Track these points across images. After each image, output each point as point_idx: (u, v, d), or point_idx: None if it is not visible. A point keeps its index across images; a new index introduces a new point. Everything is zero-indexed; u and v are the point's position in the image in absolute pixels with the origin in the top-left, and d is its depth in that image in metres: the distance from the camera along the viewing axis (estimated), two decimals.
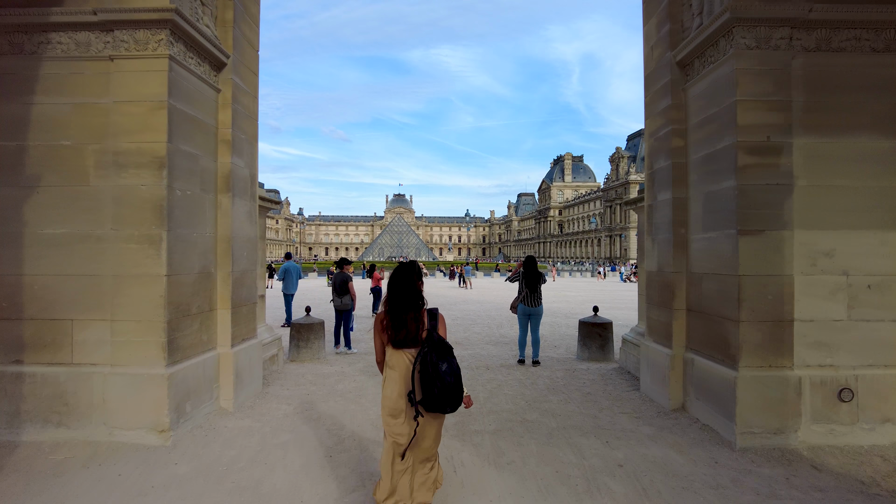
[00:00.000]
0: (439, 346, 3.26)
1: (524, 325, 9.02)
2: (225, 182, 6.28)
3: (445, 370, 3.20)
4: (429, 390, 3.18)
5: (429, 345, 3.26)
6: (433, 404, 3.21)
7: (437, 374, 3.17)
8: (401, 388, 3.32)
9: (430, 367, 3.18)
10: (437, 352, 3.23)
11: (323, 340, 9.55)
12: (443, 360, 3.22)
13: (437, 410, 3.24)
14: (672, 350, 6.21)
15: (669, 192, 6.29)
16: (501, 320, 15.53)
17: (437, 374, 3.17)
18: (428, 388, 3.18)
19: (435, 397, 3.18)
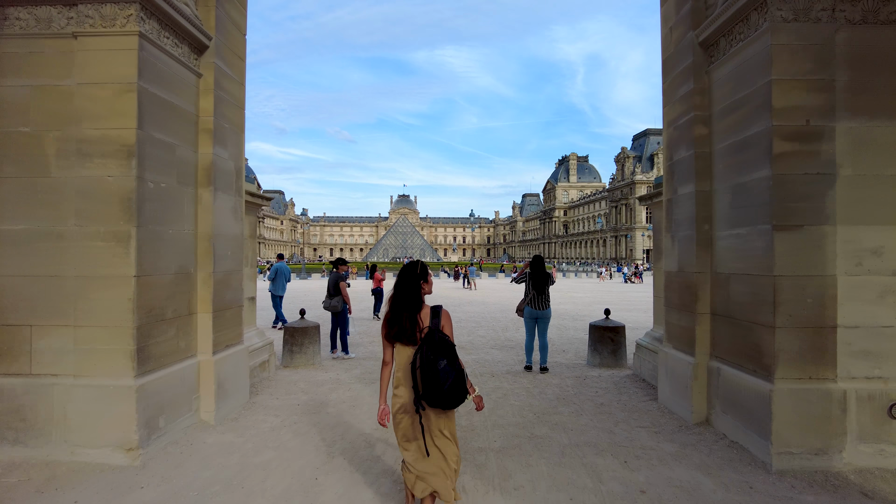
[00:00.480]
0: (439, 343, 3.29)
1: (531, 329, 8.47)
2: (206, 175, 5.77)
3: (444, 367, 3.22)
4: (428, 386, 3.22)
5: (428, 342, 3.30)
6: (433, 398, 3.24)
7: (435, 370, 3.20)
8: (405, 382, 3.41)
9: (428, 364, 3.22)
10: (435, 349, 3.26)
11: (318, 345, 9.04)
12: (441, 357, 3.24)
13: (437, 405, 3.27)
14: (695, 358, 5.66)
15: (692, 184, 5.74)
16: (507, 323, 14.98)
17: (436, 370, 3.20)
18: (427, 384, 3.23)
19: (434, 393, 3.22)
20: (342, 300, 9.82)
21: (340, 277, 10.05)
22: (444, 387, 3.21)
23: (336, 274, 10.04)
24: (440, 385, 3.21)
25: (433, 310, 3.44)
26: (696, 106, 5.71)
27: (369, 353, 10.05)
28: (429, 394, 3.24)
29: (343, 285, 10.03)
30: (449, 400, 3.24)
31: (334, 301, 9.79)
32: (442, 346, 3.29)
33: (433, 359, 3.24)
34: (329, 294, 9.86)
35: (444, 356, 3.26)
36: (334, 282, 9.94)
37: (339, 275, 10.06)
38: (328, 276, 10.06)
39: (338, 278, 9.98)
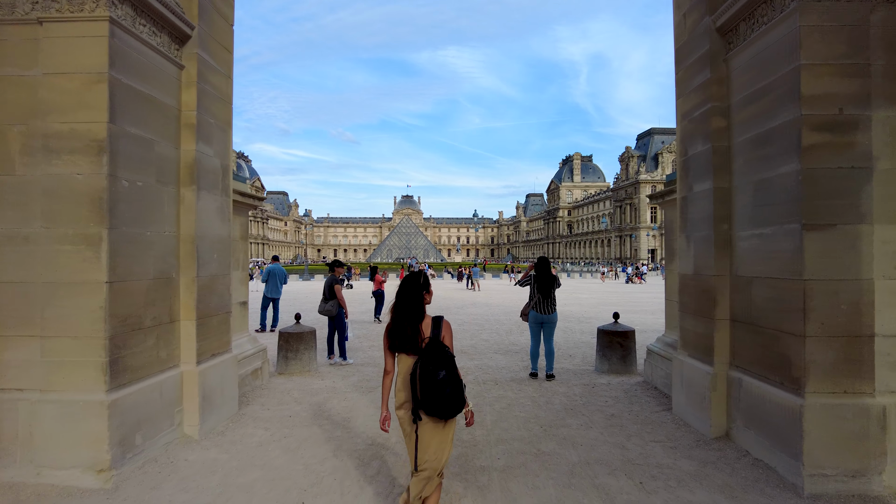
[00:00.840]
0: (439, 353, 3.33)
1: (536, 334, 8.08)
2: (189, 173, 5.40)
3: (443, 377, 3.26)
4: (426, 394, 3.26)
5: (429, 352, 3.33)
6: (431, 408, 3.27)
7: (434, 380, 3.24)
8: (405, 390, 3.44)
9: (428, 374, 3.26)
10: (436, 359, 3.30)
11: (314, 351, 8.67)
12: (441, 368, 3.28)
13: (435, 415, 3.30)
14: (713, 367, 5.26)
15: (709, 181, 5.35)
16: (511, 326, 14.58)
17: (435, 380, 3.24)
18: (426, 393, 3.26)
19: (433, 402, 3.25)
20: (337, 304, 9.45)
21: (336, 281, 9.69)
22: (442, 396, 3.25)
23: (331, 277, 9.68)
24: (438, 395, 3.25)
25: (434, 320, 3.49)
26: (713, 96, 5.31)
27: (368, 359, 9.67)
28: (427, 403, 3.27)
29: (338, 288, 9.67)
30: (447, 409, 3.28)
31: (329, 305, 9.41)
32: (442, 356, 3.32)
33: (433, 369, 3.27)
34: (324, 298, 9.49)
35: (443, 367, 3.29)
36: (329, 285, 9.58)
37: (333, 278, 9.70)
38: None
39: (332, 281, 9.62)
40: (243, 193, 7.38)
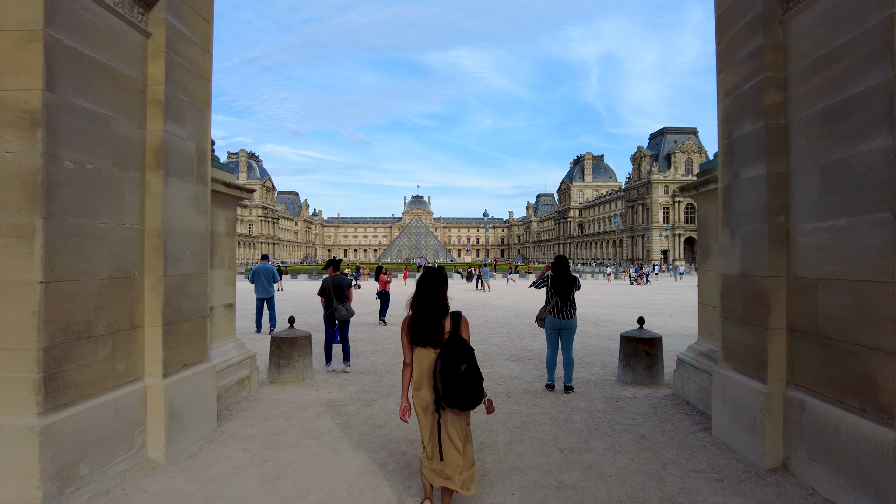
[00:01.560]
0: (460, 347, 3.43)
1: (553, 341, 7.29)
2: (156, 156, 4.68)
3: (465, 370, 3.36)
4: (448, 387, 3.34)
5: (451, 346, 3.42)
6: (453, 400, 3.36)
7: (456, 372, 3.34)
8: (425, 383, 3.51)
9: (450, 366, 3.35)
10: (457, 352, 3.39)
11: (309, 358, 7.93)
12: (463, 362, 3.37)
13: (456, 406, 3.38)
14: (766, 385, 4.44)
15: (761, 165, 4.54)
16: (523, 329, 13.77)
17: (457, 373, 3.34)
18: (448, 385, 3.34)
19: (454, 394, 3.34)
20: (350, 308, 8.86)
21: (348, 282, 9.01)
22: (464, 389, 3.35)
23: (342, 277, 8.94)
24: (461, 387, 3.34)
25: (453, 315, 3.56)
26: (766, 66, 4.50)
27: (369, 366, 8.92)
28: (449, 395, 3.36)
29: (351, 291, 8.93)
30: (468, 401, 3.37)
31: (344, 309, 8.75)
32: (463, 350, 3.42)
33: (455, 363, 3.36)
34: (339, 300, 8.73)
35: (464, 360, 3.39)
36: (342, 286, 8.85)
37: (345, 278, 8.97)
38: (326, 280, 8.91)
39: (346, 283, 8.95)
40: (229, 184, 6.66)
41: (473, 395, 3.37)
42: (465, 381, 3.35)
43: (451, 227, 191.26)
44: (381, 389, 7.32)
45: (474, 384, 3.37)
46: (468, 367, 3.38)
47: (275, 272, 13.64)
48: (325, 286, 8.71)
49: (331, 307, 8.64)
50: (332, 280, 8.79)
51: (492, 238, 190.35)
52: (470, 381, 3.37)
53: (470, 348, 3.48)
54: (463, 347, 3.44)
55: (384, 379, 7.95)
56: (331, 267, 9.03)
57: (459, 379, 3.34)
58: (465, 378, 3.36)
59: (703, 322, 6.77)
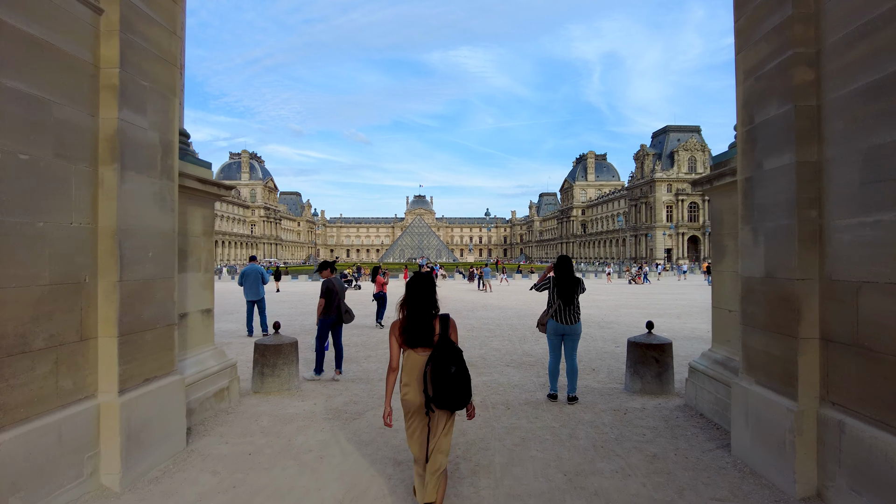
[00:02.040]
0: (450, 349, 3.46)
1: (556, 348, 6.77)
2: (110, 147, 4.18)
3: (454, 372, 3.40)
4: (439, 388, 3.38)
5: (440, 348, 3.46)
6: (443, 401, 3.40)
7: (447, 375, 3.38)
8: (416, 385, 3.52)
9: (440, 368, 3.38)
10: (447, 355, 3.43)
11: (295, 366, 7.43)
12: (452, 363, 3.41)
13: (447, 407, 3.43)
14: (797, 403, 3.92)
15: (789, 153, 4.02)
16: (525, 332, 13.25)
17: (448, 374, 3.38)
18: (438, 387, 3.38)
19: (445, 396, 3.39)
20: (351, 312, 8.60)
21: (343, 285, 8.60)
22: (453, 391, 3.38)
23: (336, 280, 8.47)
24: (451, 389, 3.38)
25: (441, 318, 3.60)
26: (795, 40, 3.98)
27: (361, 374, 8.42)
28: (439, 397, 3.39)
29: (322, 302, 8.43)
30: (458, 402, 3.43)
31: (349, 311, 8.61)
32: (453, 352, 3.46)
33: (446, 364, 3.39)
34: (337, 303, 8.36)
35: (454, 363, 3.42)
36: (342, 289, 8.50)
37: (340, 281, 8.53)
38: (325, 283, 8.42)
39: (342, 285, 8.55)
40: (205, 180, 6.16)
41: (462, 396, 3.43)
42: (455, 382, 3.40)
43: (454, 227, 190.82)
44: (371, 400, 6.82)
45: (463, 386, 3.43)
46: (458, 368, 3.42)
47: (264, 273, 13.12)
48: (331, 287, 8.24)
49: (337, 310, 8.26)
50: (337, 282, 8.39)
51: (494, 238, 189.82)
52: (459, 382, 3.41)
53: (459, 350, 3.52)
54: (452, 349, 3.48)
55: (375, 388, 7.44)
56: (328, 269, 8.54)
57: (450, 380, 3.38)
58: (456, 380, 3.40)
59: (717, 327, 6.25)
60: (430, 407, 3.44)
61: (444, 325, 3.57)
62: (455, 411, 3.51)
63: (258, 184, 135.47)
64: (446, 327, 3.57)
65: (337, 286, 8.27)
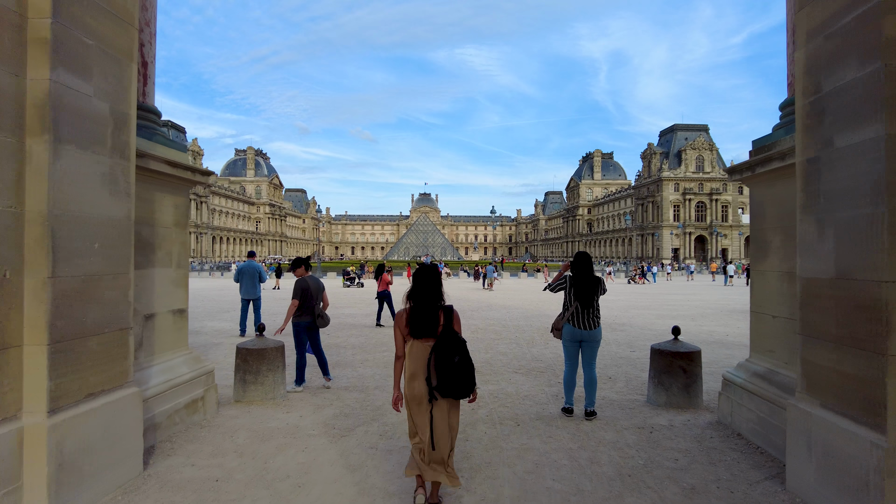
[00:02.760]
0: (454, 340, 3.56)
1: (573, 356, 5.98)
2: (39, 115, 3.44)
3: (458, 361, 3.50)
4: (443, 377, 3.47)
5: (445, 338, 3.55)
6: (446, 390, 3.50)
7: (450, 364, 3.47)
8: (420, 374, 3.59)
9: (444, 358, 3.48)
10: (451, 345, 3.52)
11: (281, 372, 6.69)
12: (456, 353, 3.51)
13: (450, 395, 3.53)
14: (886, 437, 3.14)
15: (876, 125, 3.23)
16: (533, 334, 12.47)
17: (451, 364, 3.47)
18: (442, 376, 3.47)
19: (449, 384, 3.48)
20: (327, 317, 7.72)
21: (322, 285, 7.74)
22: (457, 379, 3.48)
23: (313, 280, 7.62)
24: (454, 377, 3.47)
25: (445, 309, 3.66)
26: None
27: (355, 380, 7.69)
28: (443, 385, 3.49)
29: (325, 294, 7.72)
30: (461, 391, 3.53)
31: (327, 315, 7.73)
32: (456, 342, 3.55)
33: (450, 354, 3.49)
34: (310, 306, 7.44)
35: (458, 352, 3.52)
36: (317, 289, 7.59)
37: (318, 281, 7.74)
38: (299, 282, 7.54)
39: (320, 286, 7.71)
40: (175, 163, 5.41)
41: (466, 384, 3.52)
42: (458, 371, 3.48)
43: (459, 225, 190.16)
44: (364, 413, 6.07)
45: (467, 374, 3.51)
46: (461, 358, 3.51)
47: (262, 271, 12.41)
48: (304, 286, 7.40)
49: (310, 314, 7.37)
50: (312, 281, 7.54)
51: (500, 236, 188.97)
52: (463, 371, 3.49)
53: (462, 340, 3.62)
54: (456, 340, 3.57)
55: (370, 398, 6.70)
56: (302, 266, 7.75)
57: (453, 369, 3.47)
58: (459, 368, 3.48)
59: (758, 335, 5.47)
60: (433, 395, 3.52)
61: (449, 316, 3.64)
62: (459, 399, 3.61)
63: (263, 180, 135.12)
64: (450, 318, 3.64)
65: (312, 286, 7.41)
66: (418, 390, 3.58)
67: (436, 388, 3.51)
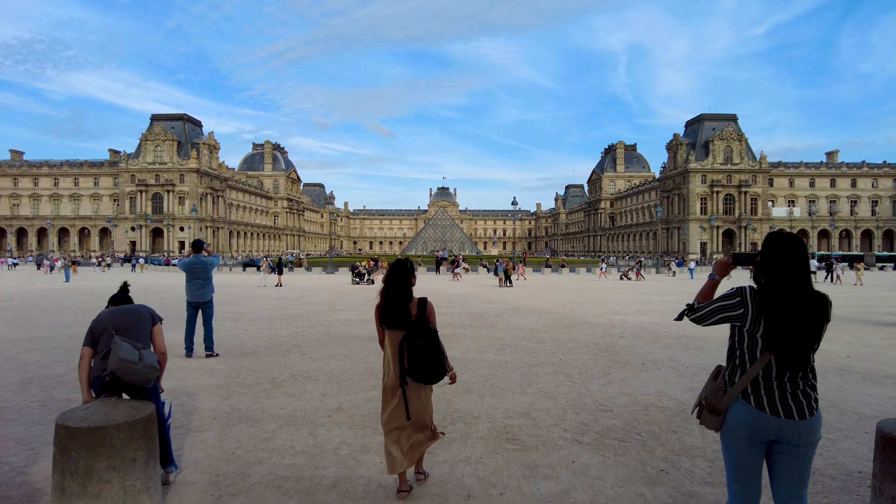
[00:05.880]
0: (424, 329, 3.81)
1: (751, 470, 2.57)
2: None
3: (427, 349, 3.75)
4: (413, 363, 3.76)
5: (416, 327, 3.81)
6: (417, 375, 3.78)
7: (419, 351, 3.74)
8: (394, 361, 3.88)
9: (413, 346, 3.75)
10: (421, 334, 3.78)
11: (149, 466, 3.47)
12: (425, 341, 3.77)
13: (420, 380, 3.80)
14: None
15: None
16: (583, 356, 9.06)
17: (420, 351, 3.74)
18: (412, 362, 3.76)
19: (418, 369, 3.76)
20: (154, 360, 3.83)
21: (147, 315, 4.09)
22: (425, 365, 3.74)
23: (139, 308, 4.08)
24: (423, 364, 3.74)
25: (420, 301, 3.92)
26: None
27: (300, 468, 4.48)
28: (413, 370, 3.78)
29: (158, 330, 4.11)
30: (430, 376, 3.78)
31: (137, 361, 3.69)
32: (426, 332, 3.80)
33: (419, 343, 3.75)
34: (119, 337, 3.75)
35: (427, 340, 3.77)
36: (153, 321, 4.08)
37: (142, 310, 4.08)
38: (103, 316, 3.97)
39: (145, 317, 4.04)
40: None
41: (435, 370, 3.77)
42: (426, 358, 3.73)
43: (478, 220, 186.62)
44: None
45: (435, 361, 3.75)
46: (431, 346, 3.77)
47: (207, 265, 9.10)
48: (94, 325, 3.87)
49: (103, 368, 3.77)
50: (116, 314, 3.96)
51: (519, 230, 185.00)
52: (431, 358, 3.74)
53: (433, 330, 3.84)
54: (427, 329, 3.80)
55: None
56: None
57: (422, 356, 3.73)
58: (427, 356, 3.74)
59: None
60: (404, 379, 3.81)
61: (422, 308, 3.88)
62: (429, 384, 3.86)
63: (281, 175, 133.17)
64: (423, 309, 3.88)
65: (115, 322, 3.88)
66: (392, 378, 3.88)
67: (407, 373, 3.79)
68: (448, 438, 5.03)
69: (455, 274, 36.61)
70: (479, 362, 8.46)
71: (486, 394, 6.59)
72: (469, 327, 12.49)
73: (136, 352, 3.65)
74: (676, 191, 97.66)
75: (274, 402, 6.26)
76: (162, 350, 4.00)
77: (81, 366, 3.72)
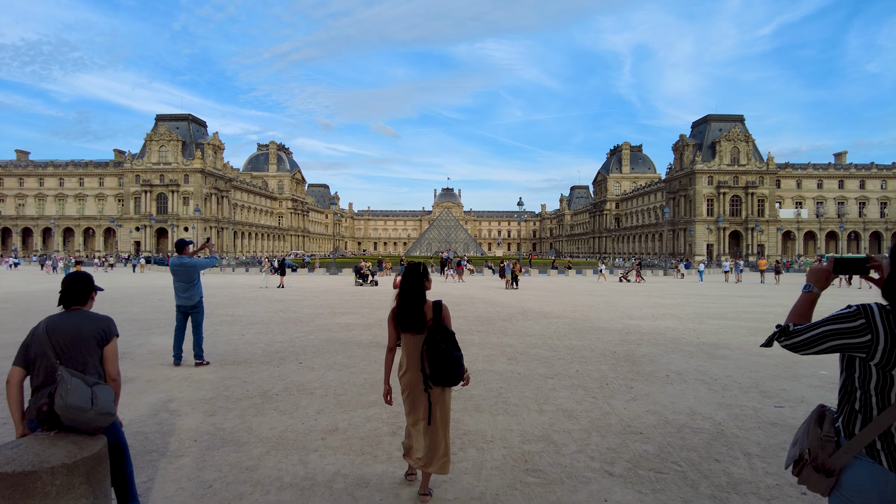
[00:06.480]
0: (443, 331, 3.84)
1: None
2: None
3: (447, 352, 3.75)
4: (435, 367, 3.76)
5: (434, 330, 3.83)
6: (439, 378, 3.78)
7: (440, 355, 3.74)
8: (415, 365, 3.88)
9: (435, 349, 3.75)
10: (441, 336, 3.80)
11: None
12: (445, 344, 3.78)
13: (442, 384, 3.81)
14: None
15: None
16: (601, 366, 8.38)
17: (441, 355, 3.73)
18: (434, 366, 3.76)
19: (440, 373, 3.76)
20: (110, 401, 3.03)
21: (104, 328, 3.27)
22: (447, 369, 3.74)
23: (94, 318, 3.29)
24: (444, 367, 3.74)
25: (435, 304, 3.97)
26: None
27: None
28: (435, 374, 3.77)
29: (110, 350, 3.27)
30: (452, 379, 3.79)
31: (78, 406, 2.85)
32: (445, 335, 3.83)
33: (440, 346, 3.75)
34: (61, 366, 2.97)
35: (447, 343, 3.79)
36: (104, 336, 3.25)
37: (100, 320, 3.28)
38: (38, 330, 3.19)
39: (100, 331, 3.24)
40: None
41: (456, 373, 3.78)
42: (447, 361, 3.73)
43: (482, 221, 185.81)
44: None
45: (456, 364, 3.75)
46: (451, 348, 3.78)
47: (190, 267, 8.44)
48: (27, 343, 3.12)
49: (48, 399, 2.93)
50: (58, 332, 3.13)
51: (523, 231, 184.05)
52: (452, 361, 3.74)
53: (451, 332, 3.89)
54: (445, 332, 3.84)
55: None
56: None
57: (443, 360, 3.72)
58: (448, 359, 3.73)
59: None
60: (427, 384, 3.80)
61: (438, 311, 3.92)
62: (450, 387, 3.88)
63: (285, 175, 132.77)
64: (439, 313, 3.92)
65: (55, 343, 3.10)
66: (411, 380, 3.88)
67: (430, 378, 3.79)
68: (458, 469, 4.37)
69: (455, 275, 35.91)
70: (489, 373, 7.80)
71: (499, 412, 5.93)
72: (477, 333, 11.84)
73: (87, 391, 2.87)
74: (682, 192, 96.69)
75: (263, 420, 5.63)
76: (113, 376, 3.24)
77: (10, 392, 3.01)
